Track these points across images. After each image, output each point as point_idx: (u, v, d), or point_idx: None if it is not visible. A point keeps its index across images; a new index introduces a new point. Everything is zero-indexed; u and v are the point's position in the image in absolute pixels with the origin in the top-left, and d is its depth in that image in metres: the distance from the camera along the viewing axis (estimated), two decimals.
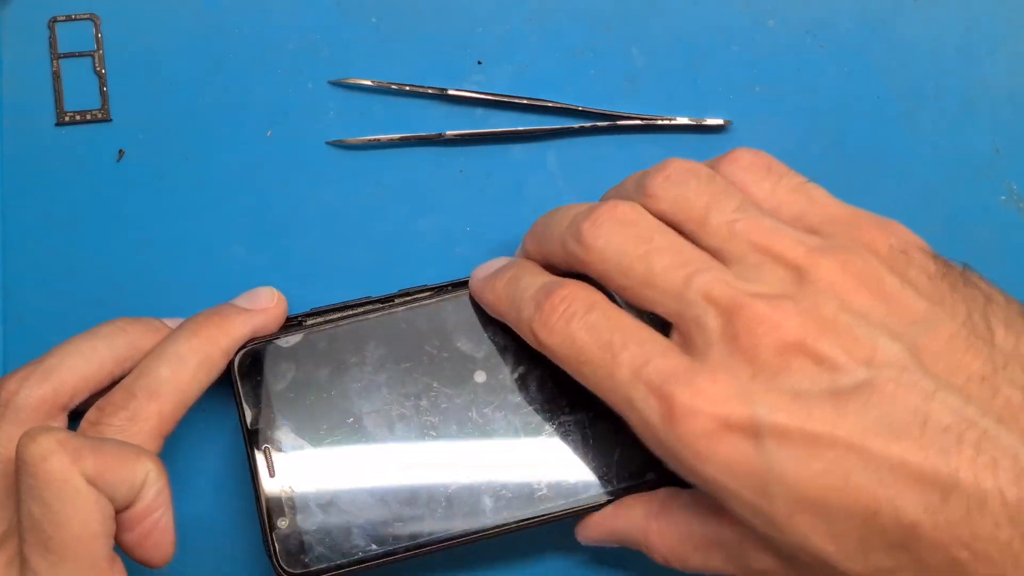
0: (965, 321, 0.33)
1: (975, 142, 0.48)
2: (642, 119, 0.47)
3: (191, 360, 0.40)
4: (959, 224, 0.47)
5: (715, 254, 0.35)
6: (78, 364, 0.40)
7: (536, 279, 0.39)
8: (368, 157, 0.48)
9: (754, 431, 0.32)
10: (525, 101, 0.47)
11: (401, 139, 0.47)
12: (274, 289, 0.43)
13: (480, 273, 0.42)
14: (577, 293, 0.36)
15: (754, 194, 0.37)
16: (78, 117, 0.47)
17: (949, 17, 0.48)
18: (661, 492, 0.39)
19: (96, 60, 0.47)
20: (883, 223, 0.36)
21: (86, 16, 0.47)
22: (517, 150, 0.48)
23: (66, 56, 0.47)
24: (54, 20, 0.47)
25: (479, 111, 0.48)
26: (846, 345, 0.32)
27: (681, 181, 0.37)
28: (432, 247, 0.47)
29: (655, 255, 0.35)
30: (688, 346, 0.34)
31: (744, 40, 0.48)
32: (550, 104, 0.47)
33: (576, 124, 0.47)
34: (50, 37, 0.47)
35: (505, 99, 0.47)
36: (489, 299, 0.41)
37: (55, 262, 0.47)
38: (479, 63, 0.48)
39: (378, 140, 0.47)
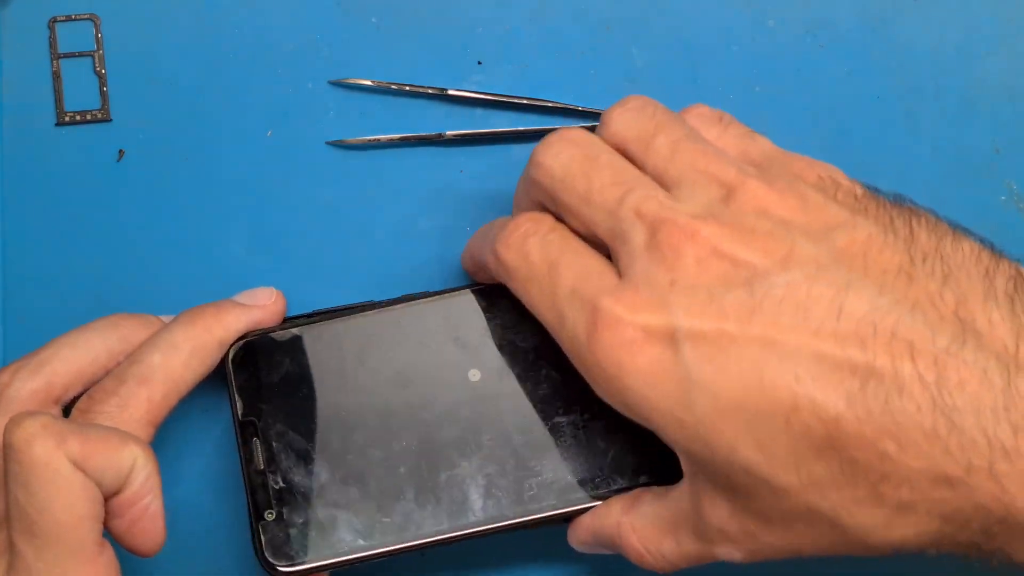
0: (888, 225, 0.34)
1: (975, 142, 0.48)
2: None
3: (184, 348, 0.40)
4: (959, 224, 0.47)
5: (656, 177, 0.36)
6: (71, 356, 0.40)
7: (512, 216, 0.40)
8: (368, 157, 0.48)
9: (671, 336, 0.33)
10: (525, 101, 0.47)
11: (401, 139, 0.47)
12: (274, 288, 0.43)
13: (474, 240, 0.44)
14: (540, 218, 0.38)
15: (702, 136, 0.38)
16: (78, 117, 0.47)
17: (949, 17, 0.48)
18: (636, 490, 0.39)
19: (96, 60, 0.47)
20: (819, 162, 0.37)
21: (86, 16, 0.47)
22: (517, 150, 0.48)
23: (66, 56, 0.47)
24: (54, 20, 0.48)
25: (479, 111, 0.48)
26: (763, 247, 0.33)
27: (635, 108, 0.38)
28: (432, 247, 0.47)
29: (595, 172, 0.36)
30: (617, 263, 0.35)
31: (744, 40, 0.48)
32: (550, 104, 0.47)
33: (576, 124, 0.47)
34: (50, 37, 0.47)
35: (505, 99, 0.47)
36: (468, 253, 0.43)
37: (55, 262, 0.47)
38: (479, 63, 0.48)
39: (378, 140, 0.47)
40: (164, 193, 0.47)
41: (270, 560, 0.39)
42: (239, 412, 0.41)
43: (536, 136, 0.47)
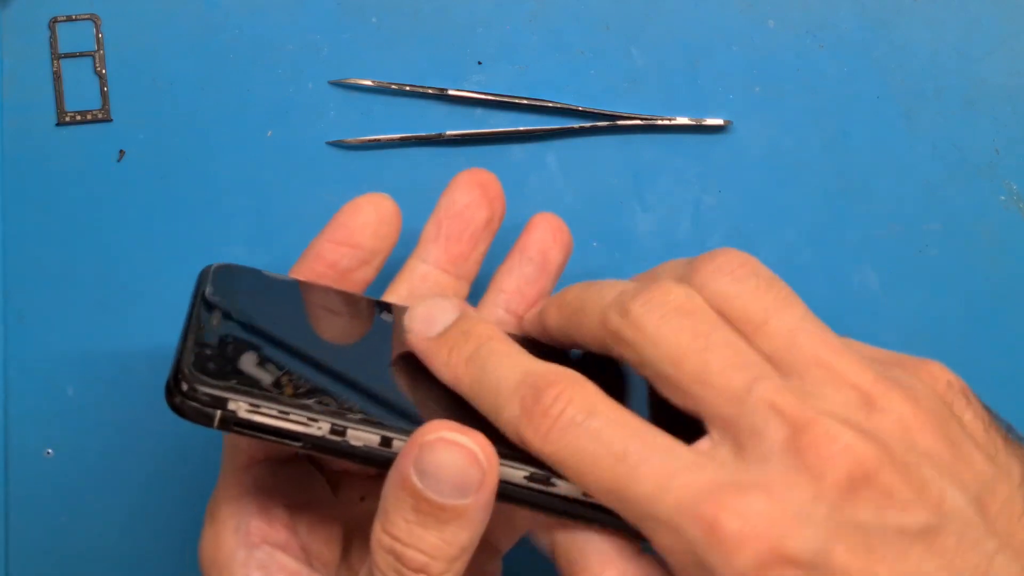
0: (1020, 484, 0.32)
1: (975, 142, 0.48)
2: (642, 119, 0.47)
3: None
4: (959, 224, 0.47)
5: (772, 362, 0.32)
6: None
7: (510, 364, 0.33)
8: (368, 157, 0.48)
9: (814, 565, 0.28)
10: (525, 101, 0.47)
11: (401, 139, 0.47)
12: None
13: (418, 327, 0.35)
14: (571, 391, 0.31)
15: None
16: (78, 117, 0.47)
17: (949, 17, 0.48)
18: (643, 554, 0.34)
19: (96, 60, 0.47)
20: (927, 363, 0.34)
21: (86, 16, 0.47)
22: (517, 150, 0.48)
23: (66, 56, 0.47)
24: (54, 20, 0.48)
25: (479, 111, 0.48)
26: (915, 485, 0.30)
27: (740, 277, 0.33)
28: None
29: (712, 352, 0.31)
30: (738, 456, 0.30)
31: (744, 40, 0.48)
32: (550, 104, 0.47)
33: (576, 124, 0.47)
34: (50, 37, 0.47)
35: (505, 99, 0.47)
36: (443, 372, 0.34)
37: (55, 262, 0.47)
38: (479, 63, 0.48)
39: (378, 140, 0.47)
40: (164, 193, 0.47)
41: (193, 375, 0.32)
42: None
43: (536, 136, 0.47)
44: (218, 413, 0.31)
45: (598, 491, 0.31)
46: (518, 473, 0.32)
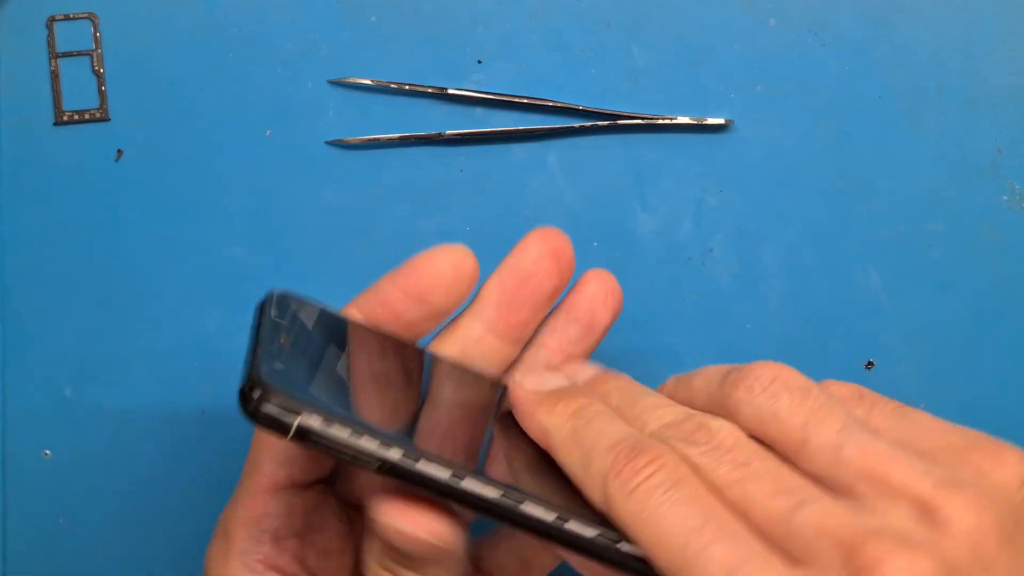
0: None
1: (977, 142, 0.47)
2: (643, 118, 0.47)
3: None
4: (961, 224, 0.47)
5: (820, 484, 0.30)
6: None
7: (614, 426, 0.33)
8: (368, 157, 0.48)
9: None
10: (525, 101, 0.47)
11: (401, 139, 0.47)
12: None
13: (531, 382, 0.36)
14: (667, 459, 0.31)
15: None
16: (76, 116, 0.47)
17: (950, 16, 0.48)
18: None
19: (94, 59, 0.47)
20: (1001, 450, 0.31)
21: (84, 15, 0.47)
22: (517, 150, 0.48)
23: (64, 55, 0.47)
24: (52, 19, 0.47)
25: (479, 111, 0.48)
26: None
27: (772, 393, 0.31)
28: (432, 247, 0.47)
29: (752, 482, 0.30)
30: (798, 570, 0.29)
31: (745, 39, 0.48)
32: (550, 103, 0.47)
33: (577, 123, 0.47)
34: (48, 36, 0.47)
35: (505, 99, 0.47)
36: (544, 420, 0.34)
37: (54, 262, 0.47)
38: (479, 62, 0.48)
39: (378, 140, 0.47)
40: (163, 193, 0.47)
41: (268, 386, 0.31)
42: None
43: (536, 136, 0.47)
44: (295, 421, 0.31)
45: (665, 561, 0.29)
46: (589, 531, 0.32)
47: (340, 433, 0.31)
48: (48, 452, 0.47)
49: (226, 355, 0.47)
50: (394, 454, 0.31)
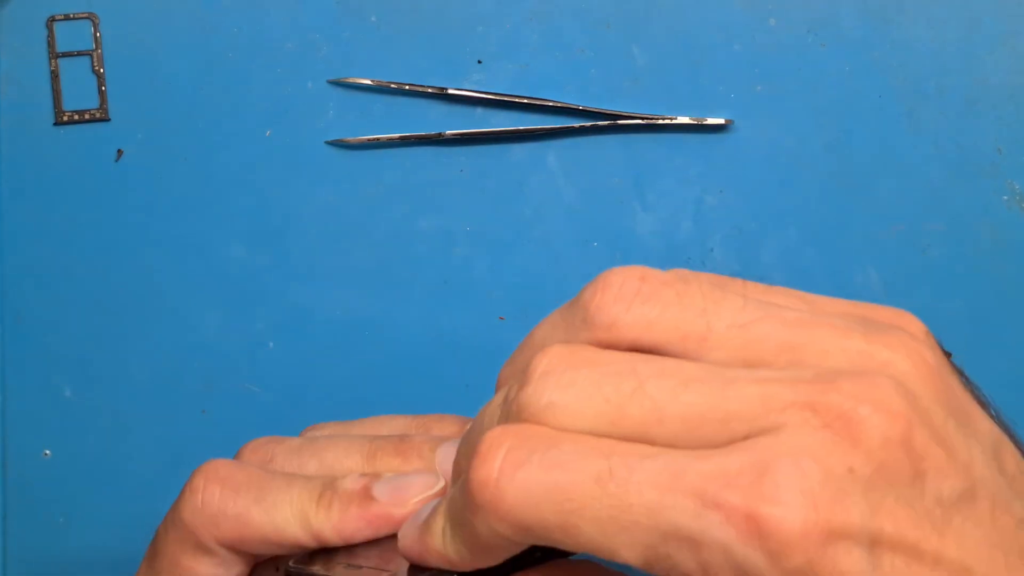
0: (1013, 441, 0.28)
1: (977, 142, 0.47)
2: (643, 118, 0.47)
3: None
4: (961, 224, 0.47)
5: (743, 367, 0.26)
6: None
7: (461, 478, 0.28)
8: (368, 157, 0.48)
9: (869, 540, 0.24)
10: (525, 100, 0.47)
11: (401, 139, 0.47)
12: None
13: (408, 529, 0.30)
14: (512, 431, 0.25)
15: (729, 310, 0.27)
16: (76, 116, 0.47)
17: (951, 16, 0.48)
18: None
19: (95, 59, 0.47)
20: (898, 311, 0.28)
21: (84, 15, 0.47)
22: (517, 150, 0.48)
23: (65, 55, 0.47)
24: (52, 19, 0.47)
25: (479, 111, 0.48)
26: (947, 447, 0.25)
27: (647, 294, 0.27)
28: (432, 247, 0.47)
29: (650, 381, 0.25)
30: (754, 444, 0.24)
31: (745, 39, 0.48)
32: (550, 103, 0.47)
33: (576, 123, 0.47)
34: (48, 36, 0.47)
35: (505, 99, 0.47)
36: (433, 546, 0.28)
37: (53, 262, 0.47)
38: (479, 62, 0.48)
39: (378, 140, 0.47)
40: (163, 193, 0.47)
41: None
42: None
43: (536, 136, 0.47)
44: None
45: (597, 534, 0.24)
46: None
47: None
48: (48, 452, 0.47)
49: (226, 355, 0.47)
50: None
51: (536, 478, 0.24)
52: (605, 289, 0.27)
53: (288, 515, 0.32)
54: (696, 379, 0.25)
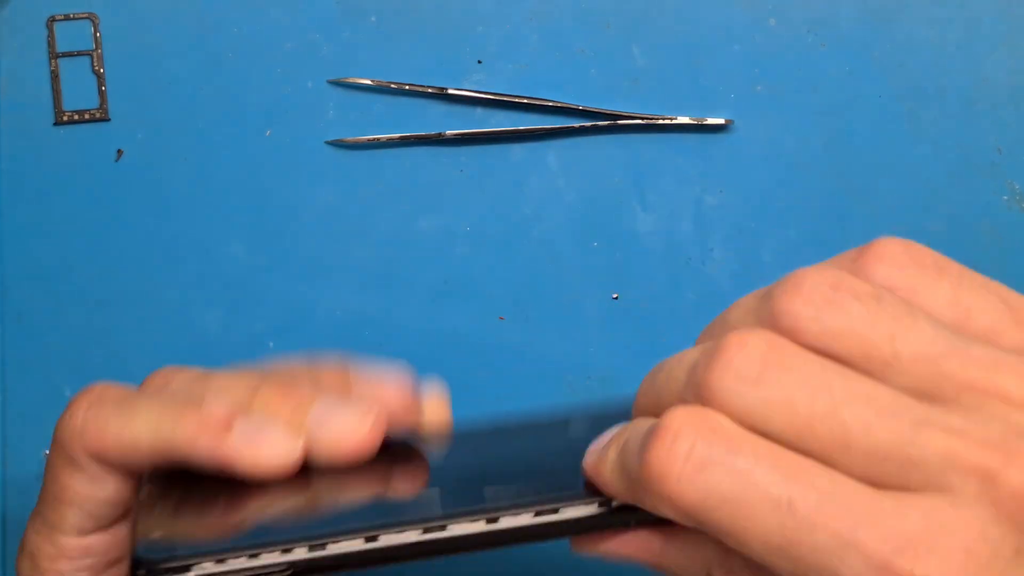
0: None
1: (977, 142, 0.47)
2: (643, 118, 0.47)
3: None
4: (961, 224, 0.47)
5: (920, 397, 0.26)
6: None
7: (644, 424, 0.28)
8: (368, 157, 0.48)
9: None
10: (525, 100, 0.47)
11: (401, 139, 0.47)
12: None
13: (593, 448, 0.30)
14: (695, 421, 0.25)
15: (932, 304, 0.27)
16: (76, 116, 0.47)
17: (951, 16, 0.48)
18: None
19: (95, 59, 0.47)
20: None
21: (84, 15, 0.47)
22: (517, 150, 0.48)
23: (64, 55, 0.47)
24: (52, 19, 0.47)
25: (479, 111, 0.48)
26: None
27: (838, 305, 0.26)
28: (432, 247, 0.47)
29: (845, 407, 0.25)
30: (923, 505, 0.25)
31: (745, 39, 0.48)
32: (550, 103, 0.47)
33: (576, 123, 0.47)
34: (48, 36, 0.47)
35: (505, 98, 0.47)
36: (602, 475, 0.29)
37: (54, 262, 0.47)
38: (479, 62, 0.48)
39: (378, 140, 0.47)
40: (163, 193, 0.47)
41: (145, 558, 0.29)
42: None
43: (536, 136, 0.47)
44: None
45: (760, 548, 0.25)
46: (589, 507, 0.29)
47: (238, 563, 0.29)
48: (48, 452, 0.47)
49: (226, 355, 0.47)
50: (300, 552, 0.28)
51: (717, 485, 0.25)
52: (795, 291, 0.27)
53: (143, 424, 0.32)
54: (889, 413, 0.25)
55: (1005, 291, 0.27)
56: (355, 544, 0.29)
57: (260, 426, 0.31)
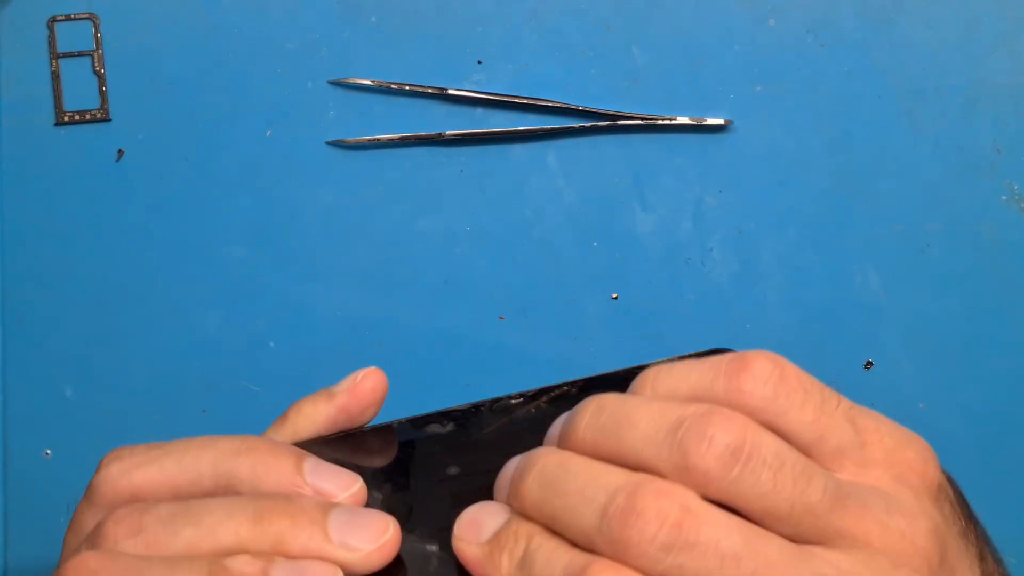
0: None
1: (976, 141, 0.47)
2: (643, 118, 0.47)
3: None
4: (960, 224, 0.47)
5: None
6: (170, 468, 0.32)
7: (559, 553, 0.28)
8: (368, 157, 0.48)
9: None
10: (525, 101, 0.47)
11: (401, 139, 0.47)
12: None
13: (469, 532, 0.30)
14: (661, 506, 0.27)
15: (796, 427, 0.29)
16: (77, 117, 0.47)
17: (950, 16, 0.48)
18: None
19: (95, 60, 0.47)
20: (911, 443, 0.31)
21: (85, 16, 0.47)
22: (517, 150, 0.48)
23: (65, 56, 0.47)
24: (53, 20, 0.47)
25: (479, 111, 0.48)
26: None
27: (749, 470, 0.28)
28: (432, 247, 0.47)
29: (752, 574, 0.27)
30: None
31: (745, 39, 0.48)
32: (550, 104, 0.47)
33: (576, 124, 0.47)
34: (49, 37, 0.47)
35: (505, 99, 0.47)
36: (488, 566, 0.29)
37: (54, 262, 0.47)
38: (479, 62, 0.48)
39: (378, 140, 0.47)
40: (164, 193, 0.47)
41: None
42: None
43: (536, 136, 0.47)
44: None
45: None
46: None
47: None
48: (48, 452, 0.47)
49: (226, 355, 0.47)
50: None
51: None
52: (709, 447, 0.28)
53: None
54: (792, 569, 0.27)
55: (855, 412, 0.30)
56: None
57: (298, 569, 0.29)
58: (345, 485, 0.31)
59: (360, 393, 0.34)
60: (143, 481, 0.31)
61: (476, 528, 0.30)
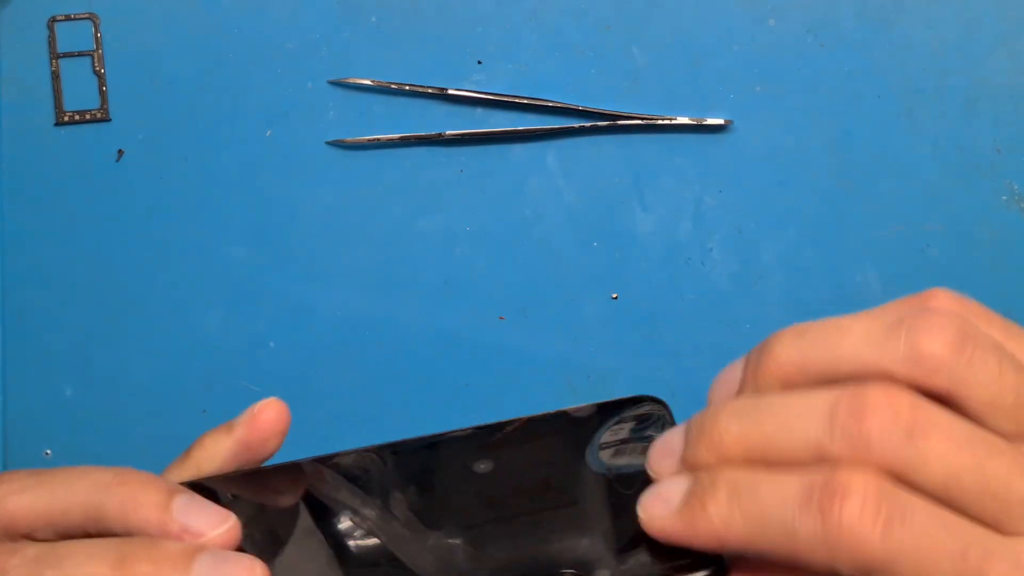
0: None
1: (976, 142, 0.47)
2: (643, 118, 0.47)
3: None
4: (960, 224, 0.47)
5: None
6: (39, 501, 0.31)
7: (777, 481, 0.27)
8: (368, 157, 0.48)
9: None
10: (525, 101, 0.47)
11: (401, 139, 0.47)
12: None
13: (656, 507, 0.29)
14: (872, 481, 0.26)
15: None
16: (77, 117, 0.47)
17: (950, 16, 0.48)
18: None
19: (95, 60, 0.47)
20: None
21: (85, 16, 0.47)
22: (517, 150, 0.48)
23: (65, 56, 0.47)
24: (53, 20, 0.47)
25: (479, 111, 0.48)
26: None
27: (975, 356, 0.28)
28: (432, 247, 0.47)
29: (987, 460, 0.27)
30: None
31: (745, 39, 0.48)
32: (550, 104, 0.47)
33: (576, 124, 0.47)
34: (49, 37, 0.47)
35: (505, 99, 0.47)
36: (709, 532, 0.28)
37: (54, 262, 0.47)
38: (479, 62, 0.48)
39: (378, 140, 0.47)
40: (164, 193, 0.47)
41: None
42: None
43: (536, 136, 0.47)
44: None
45: None
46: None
47: None
48: (49, 452, 0.47)
49: (226, 355, 0.47)
50: None
51: (905, 543, 0.26)
52: (939, 332, 0.28)
53: None
54: (1019, 466, 0.27)
55: None
56: None
57: None
58: (215, 523, 0.30)
59: (259, 425, 0.33)
60: (16, 509, 0.30)
61: (662, 500, 0.29)
